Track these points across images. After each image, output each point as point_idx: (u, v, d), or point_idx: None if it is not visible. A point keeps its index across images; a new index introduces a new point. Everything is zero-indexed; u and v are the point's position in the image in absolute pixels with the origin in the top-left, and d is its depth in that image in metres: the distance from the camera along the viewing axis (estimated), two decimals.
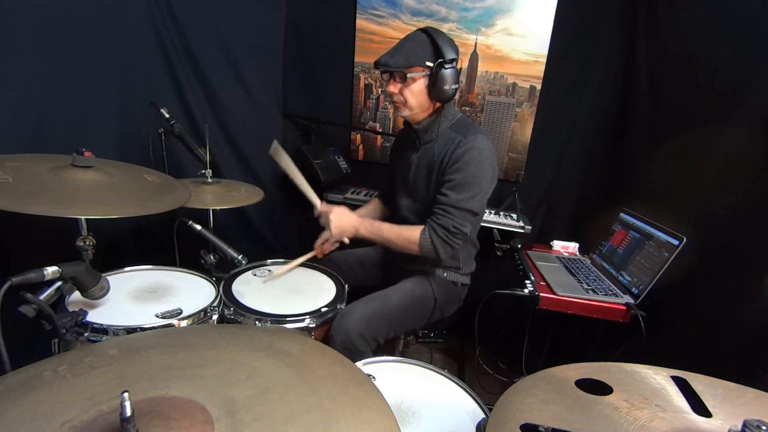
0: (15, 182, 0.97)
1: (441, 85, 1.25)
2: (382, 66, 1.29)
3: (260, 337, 0.78)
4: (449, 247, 1.32)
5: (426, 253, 1.34)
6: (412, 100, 1.31)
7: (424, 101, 1.32)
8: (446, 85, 1.26)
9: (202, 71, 2.06)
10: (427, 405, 0.98)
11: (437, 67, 1.24)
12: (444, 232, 1.30)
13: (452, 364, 2.20)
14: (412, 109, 1.34)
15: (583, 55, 2.05)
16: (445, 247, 1.32)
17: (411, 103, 1.32)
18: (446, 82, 1.25)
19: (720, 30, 1.45)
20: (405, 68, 1.27)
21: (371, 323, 1.28)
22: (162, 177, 1.31)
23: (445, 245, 1.32)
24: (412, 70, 1.27)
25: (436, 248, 1.32)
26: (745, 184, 1.24)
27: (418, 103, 1.32)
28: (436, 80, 1.25)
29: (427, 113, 1.37)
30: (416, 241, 1.33)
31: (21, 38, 1.32)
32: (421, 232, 1.33)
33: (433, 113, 1.37)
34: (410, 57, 1.26)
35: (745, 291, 1.14)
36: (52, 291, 0.90)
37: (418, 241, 1.33)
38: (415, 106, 1.33)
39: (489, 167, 1.30)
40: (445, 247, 1.32)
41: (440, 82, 1.25)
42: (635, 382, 0.71)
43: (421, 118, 1.38)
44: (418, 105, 1.32)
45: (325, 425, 0.56)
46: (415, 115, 1.37)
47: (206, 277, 1.34)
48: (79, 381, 0.62)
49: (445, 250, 1.32)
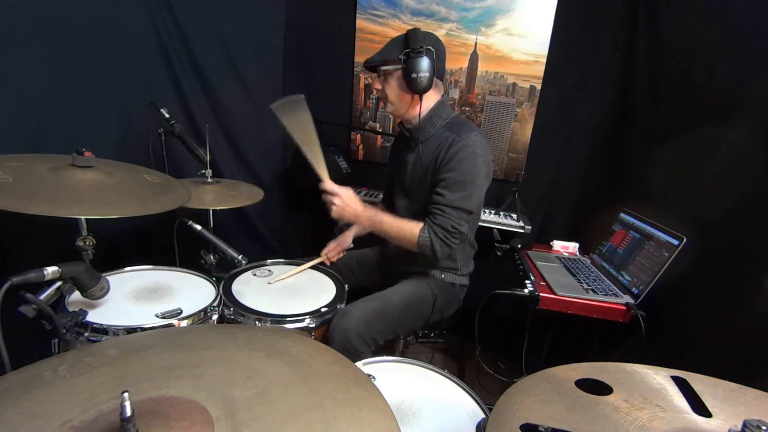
0: (15, 182, 0.97)
1: (411, 74, 1.28)
2: (365, 64, 1.39)
3: (260, 337, 0.78)
4: (447, 247, 1.33)
5: (423, 251, 1.34)
6: (390, 94, 1.37)
7: (401, 94, 1.36)
8: (416, 74, 1.28)
9: (202, 71, 2.06)
10: (427, 405, 0.97)
11: (405, 58, 1.29)
12: (443, 232, 1.30)
13: (452, 364, 2.20)
14: (393, 104, 1.39)
15: (583, 55, 2.06)
16: (443, 247, 1.32)
17: (390, 97, 1.38)
18: (416, 70, 1.28)
19: (720, 30, 1.45)
20: (379, 63, 1.35)
21: (370, 323, 1.28)
22: (162, 177, 1.31)
23: (443, 245, 1.32)
24: (386, 64, 1.34)
25: (434, 247, 1.32)
26: (745, 184, 1.24)
27: (396, 97, 1.37)
28: (408, 70, 1.29)
29: (411, 108, 1.38)
30: (414, 239, 1.33)
31: (21, 38, 1.32)
32: (420, 230, 1.33)
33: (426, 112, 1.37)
34: (385, 53, 1.35)
35: (745, 291, 1.14)
36: (52, 291, 0.90)
37: (416, 240, 1.33)
38: (395, 101, 1.38)
39: (483, 165, 1.31)
40: (443, 246, 1.32)
41: (411, 72, 1.28)
42: (635, 382, 0.71)
43: (411, 117, 1.39)
44: (397, 99, 1.37)
45: (325, 425, 0.56)
46: (399, 110, 1.41)
47: (206, 277, 1.34)
48: (79, 381, 0.62)
49: (442, 249, 1.33)
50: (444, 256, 1.36)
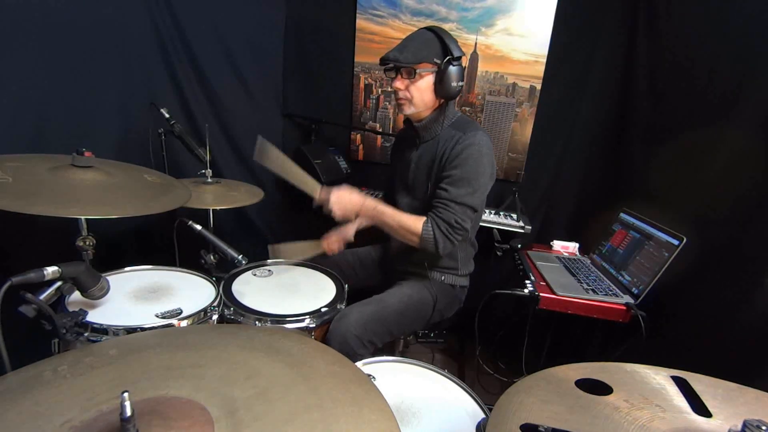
0: (15, 182, 0.97)
1: (448, 81, 1.27)
2: (391, 61, 1.28)
3: (260, 337, 0.78)
4: (450, 242, 1.30)
5: (425, 246, 1.31)
6: (417, 97, 1.32)
7: (429, 98, 1.33)
8: (453, 82, 1.28)
9: (202, 71, 2.06)
10: (427, 405, 0.97)
11: (446, 64, 1.26)
12: (446, 226, 1.28)
13: (452, 364, 2.20)
14: (417, 107, 1.34)
15: (583, 55, 2.05)
16: (446, 242, 1.30)
17: (416, 100, 1.32)
18: (453, 79, 1.28)
19: (720, 30, 1.45)
20: (414, 64, 1.27)
21: (368, 326, 1.27)
22: (162, 177, 1.31)
23: (446, 240, 1.29)
24: (420, 66, 1.28)
25: (437, 242, 1.29)
26: (745, 184, 1.24)
27: (422, 100, 1.33)
28: (444, 77, 1.27)
29: (430, 111, 1.37)
30: (418, 233, 1.30)
31: (21, 38, 1.32)
32: (423, 224, 1.30)
33: (435, 111, 1.37)
34: (419, 53, 1.27)
35: (745, 291, 1.14)
36: (52, 291, 0.90)
37: (420, 233, 1.30)
38: (420, 103, 1.33)
39: (488, 164, 1.31)
40: (445, 241, 1.29)
41: (447, 79, 1.27)
42: (635, 382, 0.71)
43: (424, 116, 1.38)
44: (422, 102, 1.33)
45: (325, 425, 0.56)
46: (419, 112, 1.37)
47: (206, 277, 1.34)
48: (79, 381, 0.62)
49: (445, 244, 1.30)
50: (446, 251, 1.33)
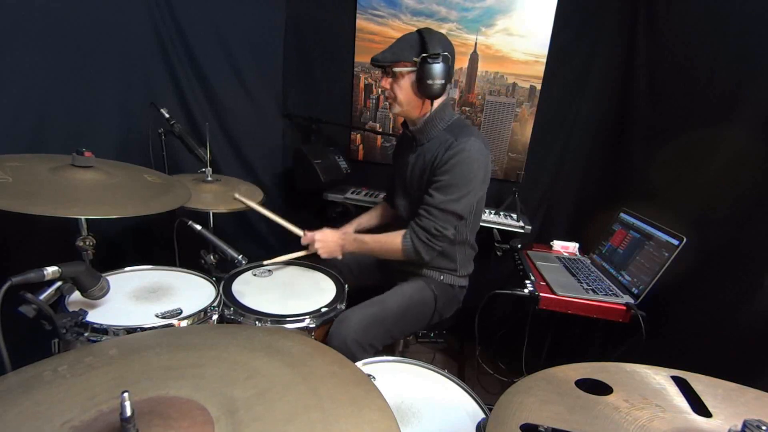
0: (15, 182, 0.97)
1: (426, 80, 1.27)
2: (374, 61, 1.33)
3: (260, 337, 0.78)
4: (431, 249, 1.34)
5: (410, 257, 1.36)
6: (400, 96, 1.34)
7: (411, 97, 1.34)
8: (431, 80, 1.27)
9: (202, 71, 2.06)
10: (427, 405, 0.97)
11: (422, 62, 1.26)
12: (425, 234, 1.31)
13: (452, 364, 2.20)
14: (402, 105, 1.36)
15: (583, 55, 2.05)
16: (428, 250, 1.33)
17: (400, 99, 1.35)
18: (431, 77, 1.26)
19: (720, 30, 1.45)
20: (392, 63, 1.30)
21: (368, 330, 1.27)
22: (162, 177, 1.31)
23: (427, 248, 1.33)
24: (398, 65, 1.30)
25: (419, 251, 1.33)
26: (745, 184, 1.24)
27: (406, 99, 1.34)
28: (422, 75, 1.27)
29: (418, 111, 1.37)
30: (398, 249, 1.35)
31: (21, 38, 1.32)
32: (402, 238, 1.34)
33: (428, 114, 1.37)
34: (398, 52, 1.30)
35: (745, 291, 1.14)
36: (52, 291, 0.90)
37: (400, 248, 1.35)
38: (404, 102, 1.35)
39: (479, 170, 1.30)
40: (427, 249, 1.33)
41: (425, 77, 1.27)
42: (635, 382, 0.71)
43: (415, 118, 1.39)
44: (406, 101, 1.34)
45: (325, 425, 0.56)
46: (406, 112, 1.38)
47: (206, 277, 1.34)
48: (79, 381, 0.62)
49: (427, 252, 1.34)
50: (431, 257, 1.37)
